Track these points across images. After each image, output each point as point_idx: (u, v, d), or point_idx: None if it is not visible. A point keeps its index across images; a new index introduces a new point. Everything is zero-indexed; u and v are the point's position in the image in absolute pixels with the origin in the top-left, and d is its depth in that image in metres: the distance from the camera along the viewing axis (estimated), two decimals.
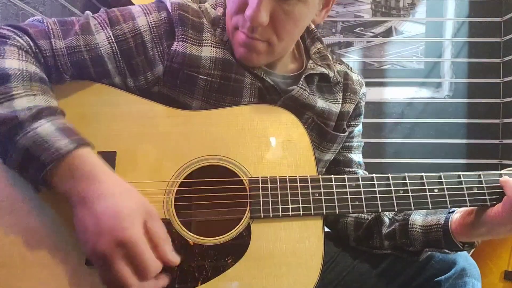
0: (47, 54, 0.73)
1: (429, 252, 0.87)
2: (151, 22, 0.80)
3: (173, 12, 0.81)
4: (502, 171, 0.80)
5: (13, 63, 0.67)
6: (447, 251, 0.85)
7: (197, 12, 0.84)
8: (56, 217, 0.70)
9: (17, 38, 0.71)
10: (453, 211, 0.83)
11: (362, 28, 2.37)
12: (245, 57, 0.82)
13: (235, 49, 0.83)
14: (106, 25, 0.78)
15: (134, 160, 0.75)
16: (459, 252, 0.87)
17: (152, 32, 0.80)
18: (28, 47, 0.71)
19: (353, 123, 1.01)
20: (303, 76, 0.88)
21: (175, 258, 0.64)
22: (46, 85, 0.71)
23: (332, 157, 0.99)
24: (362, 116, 1.04)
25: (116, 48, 0.77)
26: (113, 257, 0.59)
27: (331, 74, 0.93)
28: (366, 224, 0.93)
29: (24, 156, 0.62)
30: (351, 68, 1.02)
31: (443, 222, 0.82)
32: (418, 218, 0.86)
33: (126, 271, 0.60)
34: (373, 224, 0.92)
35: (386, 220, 0.91)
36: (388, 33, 2.36)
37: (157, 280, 0.64)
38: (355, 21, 2.38)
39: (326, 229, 0.82)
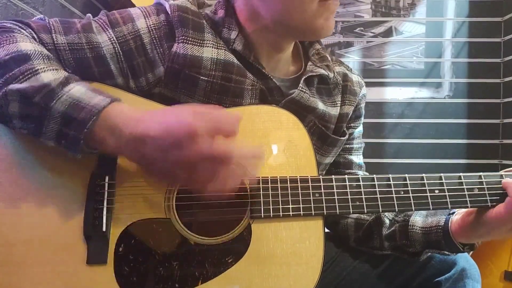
0: (49, 47, 0.74)
1: (429, 253, 0.87)
2: (150, 25, 0.80)
3: (172, 14, 0.80)
4: (502, 172, 0.80)
5: (27, 45, 0.69)
6: (447, 252, 0.85)
7: (196, 13, 0.84)
8: (58, 215, 0.70)
9: (21, 30, 0.73)
10: (453, 213, 0.83)
11: (362, 28, 2.37)
12: (332, 24, 0.83)
13: (321, 24, 0.82)
14: (107, 27, 0.78)
15: None
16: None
17: (152, 35, 0.80)
18: (32, 38, 0.73)
19: (353, 125, 1.01)
20: (303, 78, 0.88)
21: (234, 124, 0.65)
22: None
23: (333, 160, 0.99)
24: (362, 118, 1.04)
25: (119, 49, 0.78)
26: (194, 159, 0.60)
27: (331, 75, 0.93)
28: (366, 225, 0.93)
29: (62, 120, 0.64)
30: (351, 69, 1.02)
31: (443, 223, 0.82)
32: (418, 219, 0.86)
33: (212, 160, 0.61)
34: (373, 225, 0.92)
35: (386, 221, 0.91)
36: (388, 33, 2.36)
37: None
38: (355, 21, 2.37)
39: (326, 230, 0.82)
